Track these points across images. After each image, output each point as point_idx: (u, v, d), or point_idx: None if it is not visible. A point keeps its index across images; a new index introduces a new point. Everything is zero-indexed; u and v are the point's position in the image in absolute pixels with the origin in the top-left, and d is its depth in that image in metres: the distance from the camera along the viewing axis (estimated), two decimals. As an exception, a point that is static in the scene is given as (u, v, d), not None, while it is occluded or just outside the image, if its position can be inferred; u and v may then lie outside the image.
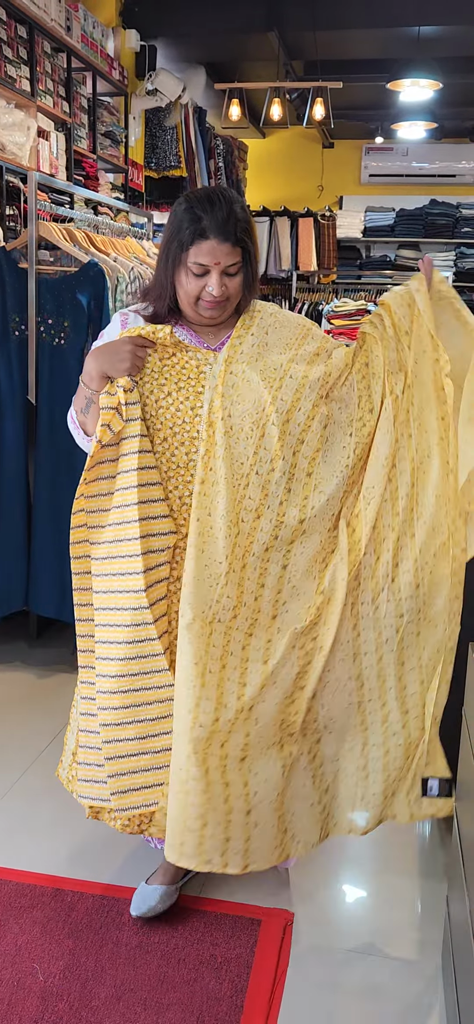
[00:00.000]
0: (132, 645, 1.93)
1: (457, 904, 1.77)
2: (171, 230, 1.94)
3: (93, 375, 1.95)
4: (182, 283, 1.94)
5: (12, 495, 3.37)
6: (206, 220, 1.88)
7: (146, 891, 2.14)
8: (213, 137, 7.33)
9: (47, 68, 4.88)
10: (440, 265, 9.09)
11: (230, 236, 1.89)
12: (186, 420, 1.95)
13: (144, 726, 1.94)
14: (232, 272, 1.93)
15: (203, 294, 1.93)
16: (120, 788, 1.96)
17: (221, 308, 1.96)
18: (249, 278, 1.97)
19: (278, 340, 2.00)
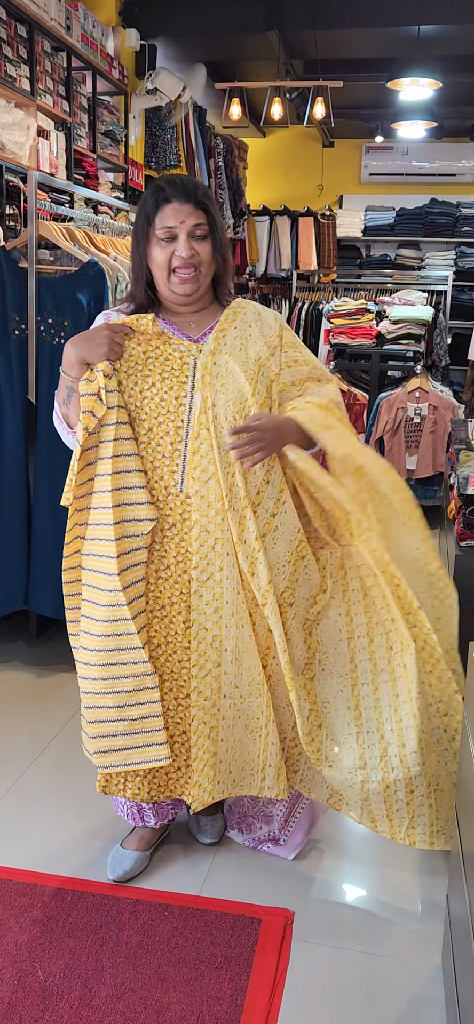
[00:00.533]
0: (108, 624, 2.03)
1: (457, 902, 1.77)
2: (138, 211, 2.04)
3: (72, 362, 2.00)
4: (154, 258, 2.01)
5: (12, 494, 3.37)
6: (168, 188, 1.99)
7: (122, 854, 2.27)
8: (213, 136, 7.32)
9: (47, 67, 4.88)
10: (440, 264, 9.09)
11: (191, 197, 1.98)
12: (170, 410, 2.00)
13: (121, 697, 2.07)
14: (199, 235, 1.99)
15: (173, 261, 1.98)
16: (101, 748, 2.11)
17: (195, 279, 2.00)
18: (218, 245, 2.03)
19: (259, 335, 2.06)
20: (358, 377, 6.22)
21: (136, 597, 2.05)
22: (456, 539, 2.62)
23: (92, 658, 2.07)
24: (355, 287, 7.96)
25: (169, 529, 2.04)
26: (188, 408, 2.00)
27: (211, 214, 2.01)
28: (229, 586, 2.03)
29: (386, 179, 9.78)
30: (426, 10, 5.80)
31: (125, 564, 2.02)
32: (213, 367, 2.01)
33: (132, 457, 2.01)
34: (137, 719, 2.08)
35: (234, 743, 2.11)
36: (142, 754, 2.10)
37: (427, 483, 5.72)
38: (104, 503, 2.02)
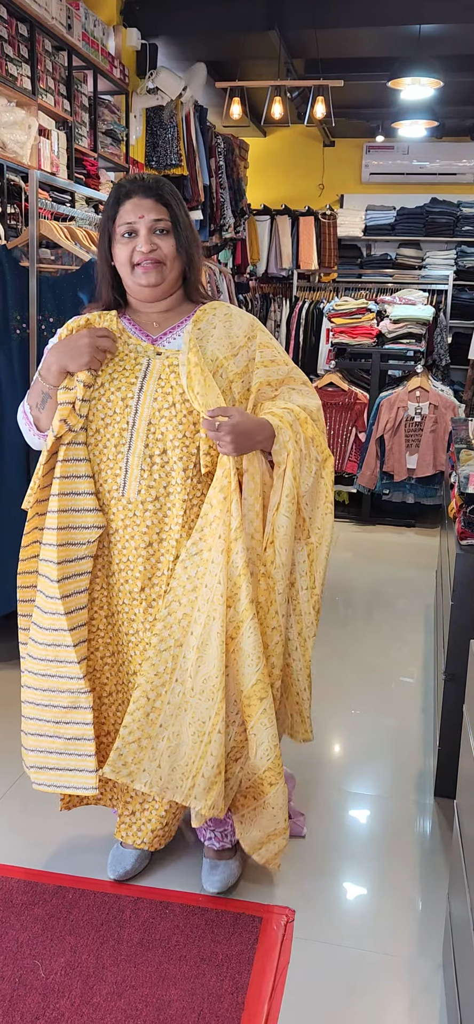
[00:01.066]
0: (48, 632, 2.03)
1: (458, 902, 1.77)
2: (102, 212, 2.03)
3: (52, 369, 1.97)
4: (117, 256, 1.99)
5: (13, 493, 3.37)
6: (128, 185, 1.98)
7: (122, 853, 2.25)
8: (214, 136, 7.32)
9: (48, 66, 4.88)
10: (441, 263, 9.09)
11: (151, 192, 1.95)
12: (116, 411, 1.96)
13: (57, 712, 2.06)
14: (160, 229, 1.96)
15: (134, 255, 1.95)
16: (37, 764, 2.11)
17: (157, 272, 1.96)
18: (183, 241, 1.98)
19: (223, 334, 2.01)
20: (359, 376, 6.23)
21: (76, 608, 2.02)
22: (457, 538, 2.62)
23: (34, 666, 2.07)
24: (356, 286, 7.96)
25: (113, 535, 2.02)
26: (134, 410, 1.95)
27: (174, 210, 1.97)
28: (212, 570, 1.93)
29: (387, 178, 9.78)
30: (427, 9, 5.80)
31: (67, 572, 2.00)
32: (166, 369, 1.96)
33: (82, 462, 1.98)
34: (70, 739, 2.06)
35: (172, 735, 1.99)
36: (73, 778, 2.08)
37: (427, 482, 5.72)
38: (51, 508, 2.01)
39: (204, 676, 1.96)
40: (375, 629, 4.14)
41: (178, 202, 2.00)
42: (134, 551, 2.00)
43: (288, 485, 1.97)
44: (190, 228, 2.03)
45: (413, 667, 3.64)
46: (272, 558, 1.98)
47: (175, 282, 2.03)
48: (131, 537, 2.00)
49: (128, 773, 2.01)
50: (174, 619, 1.97)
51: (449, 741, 2.56)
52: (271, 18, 6.14)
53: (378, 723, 3.17)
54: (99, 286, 2.09)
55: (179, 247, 1.98)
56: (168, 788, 2.01)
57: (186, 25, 6.30)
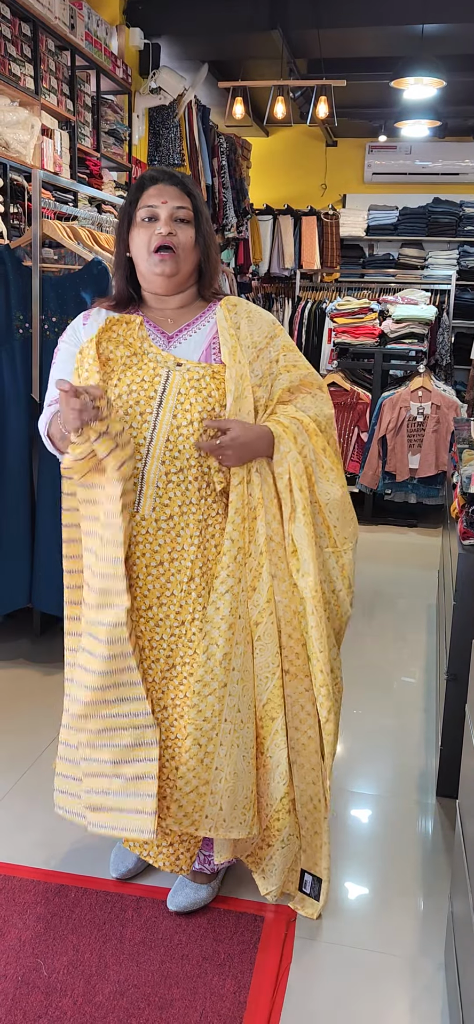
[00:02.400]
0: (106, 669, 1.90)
1: (460, 902, 1.77)
2: (124, 202, 2.03)
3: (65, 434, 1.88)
4: (135, 241, 1.97)
5: (16, 492, 3.38)
6: (154, 172, 2.00)
7: (125, 852, 2.25)
8: (216, 135, 7.33)
9: (51, 66, 4.88)
10: (443, 263, 9.08)
11: (176, 181, 1.97)
12: (134, 426, 1.90)
13: (117, 751, 1.93)
14: (182, 217, 1.95)
15: (153, 240, 1.93)
16: (94, 804, 1.98)
17: (172, 261, 1.94)
18: (202, 234, 1.98)
19: (247, 334, 2.00)
20: (361, 376, 6.23)
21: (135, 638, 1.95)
22: (459, 538, 2.62)
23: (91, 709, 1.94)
24: (358, 286, 7.97)
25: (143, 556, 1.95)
26: (152, 426, 1.90)
27: (196, 201, 1.97)
28: (243, 599, 1.95)
29: (389, 178, 9.78)
30: (430, 9, 5.80)
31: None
32: (186, 384, 1.92)
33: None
34: (131, 778, 1.93)
35: (229, 775, 1.94)
36: (131, 820, 1.94)
37: (430, 482, 5.72)
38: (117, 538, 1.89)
39: (247, 704, 1.98)
40: (377, 629, 4.14)
41: (199, 197, 2.01)
42: (144, 569, 1.94)
43: (297, 497, 1.97)
44: (209, 225, 2.02)
45: (415, 667, 3.64)
46: (296, 567, 1.99)
47: (189, 276, 2.00)
48: (142, 555, 1.93)
49: (191, 823, 1.95)
50: (214, 661, 1.92)
51: (451, 741, 2.56)
52: (274, 18, 6.14)
53: (380, 723, 3.17)
54: (114, 274, 2.07)
55: (198, 238, 1.97)
56: (232, 827, 1.96)
57: (189, 25, 6.30)
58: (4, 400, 3.35)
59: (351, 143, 9.78)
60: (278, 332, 2.06)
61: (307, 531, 1.96)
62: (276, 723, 1.98)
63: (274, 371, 2.02)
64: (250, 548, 1.96)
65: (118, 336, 1.96)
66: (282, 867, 2.07)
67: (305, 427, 2.01)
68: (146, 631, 1.98)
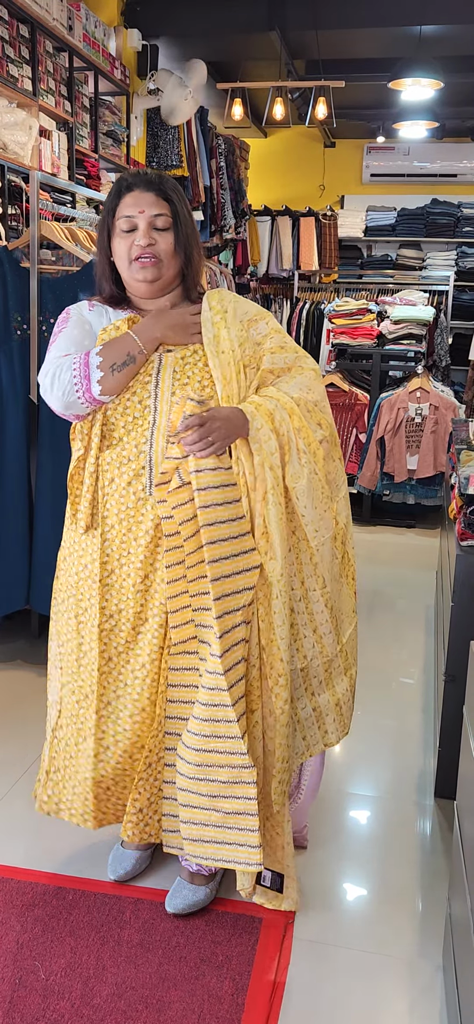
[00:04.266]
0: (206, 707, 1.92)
1: (458, 903, 1.77)
2: (103, 206, 2.02)
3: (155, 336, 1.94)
4: (116, 250, 1.98)
5: (14, 494, 3.38)
6: (130, 178, 1.99)
7: (123, 854, 2.25)
8: (215, 136, 7.32)
9: (49, 67, 4.88)
10: (442, 264, 9.09)
11: (153, 186, 1.96)
12: (136, 415, 1.96)
13: (214, 786, 1.95)
14: (160, 225, 1.96)
15: (132, 250, 1.95)
16: (192, 836, 2.00)
17: (154, 268, 1.96)
18: (181, 238, 1.98)
19: (233, 313, 2.01)
20: (359, 377, 6.23)
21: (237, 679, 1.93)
22: (457, 539, 2.62)
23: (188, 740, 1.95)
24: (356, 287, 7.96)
25: (143, 536, 1.98)
26: (153, 408, 1.95)
27: (175, 205, 1.97)
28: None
29: (387, 179, 9.79)
30: (428, 10, 5.80)
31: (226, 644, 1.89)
32: (180, 361, 1.96)
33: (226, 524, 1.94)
34: (230, 813, 1.95)
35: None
36: (234, 852, 1.97)
37: (428, 483, 5.72)
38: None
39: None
40: (375, 630, 4.14)
41: (180, 198, 2.00)
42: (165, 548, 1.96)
43: (269, 478, 1.93)
44: (191, 225, 2.02)
45: (413, 668, 3.65)
46: (265, 549, 1.94)
47: (173, 279, 2.03)
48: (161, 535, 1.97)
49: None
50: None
51: (449, 742, 2.56)
52: (272, 19, 6.14)
53: (378, 724, 3.17)
54: (99, 281, 2.08)
55: (177, 245, 1.98)
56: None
57: (187, 26, 6.30)
58: (2, 401, 3.35)
59: (349, 144, 9.79)
60: (265, 316, 2.06)
61: (277, 512, 1.93)
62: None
63: (258, 353, 2.02)
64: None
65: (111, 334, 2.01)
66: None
67: (283, 404, 1.98)
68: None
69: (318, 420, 2.03)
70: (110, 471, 2.00)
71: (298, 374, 2.05)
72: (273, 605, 1.95)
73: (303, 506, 1.98)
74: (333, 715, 2.14)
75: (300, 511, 1.99)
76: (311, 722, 2.13)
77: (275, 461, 1.94)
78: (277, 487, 1.94)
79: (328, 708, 2.13)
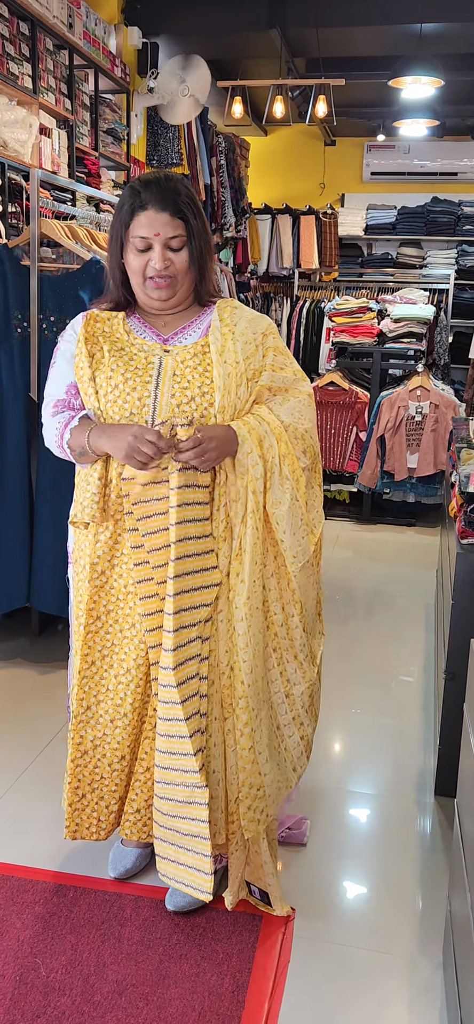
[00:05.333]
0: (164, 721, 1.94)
1: (458, 900, 1.78)
2: (116, 212, 1.99)
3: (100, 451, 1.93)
4: (129, 263, 1.97)
5: (14, 492, 3.38)
6: (144, 193, 1.92)
7: (123, 851, 2.25)
8: (215, 134, 7.32)
9: (49, 65, 4.88)
10: (442, 262, 9.08)
11: (168, 206, 1.91)
12: (134, 412, 1.95)
13: (173, 805, 1.96)
14: (175, 247, 1.94)
15: (147, 270, 1.94)
16: (160, 853, 2.04)
17: (169, 287, 1.96)
18: (195, 254, 1.96)
19: (240, 333, 2.00)
20: (359, 375, 6.23)
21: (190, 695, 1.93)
22: (457, 537, 2.62)
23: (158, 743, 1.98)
24: (356, 285, 7.96)
25: (134, 532, 1.97)
26: (152, 408, 1.94)
27: (189, 222, 1.94)
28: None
29: (388, 178, 9.78)
30: (428, 8, 5.80)
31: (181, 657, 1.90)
32: (181, 365, 1.95)
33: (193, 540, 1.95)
34: (187, 835, 1.96)
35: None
36: (190, 876, 1.98)
37: (428, 481, 5.72)
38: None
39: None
40: (375, 628, 4.14)
41: (194, 210, 1.96)
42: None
43: (251, 502, 1.93)
44: (205, 236, 1.99)
45: (413, 666, 3.65)
46: (237, 570, 1.95)
47: (187, 293, 2.02)
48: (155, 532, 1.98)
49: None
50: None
51: (449, 740, 2.56)
52: (272, 17, 6.14)
53: (378, 722, 3.17)
54: (108, 282, 2.08)
55: (192, 262, 1.97)
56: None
57: (187, 24, 6.30)
58: (3, 399, 3.35)
59: (350, 142, 9.78)
60: (270, 332, 2.05)
61: (253, 536, 1.94)
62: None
63: (259, 366, 2.01)
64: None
65: (103, 332, 2.01)
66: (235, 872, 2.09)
67: (272, 429, 1.99)
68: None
69: (303, 448, 2.04)
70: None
71: (293, 397, 2.05)
72: (237, 627, 1.96)
73: (282, 531, 1.98)
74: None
75: (279, 536, 1.99)
76: (299, 751, 2.12)
77: (259, 487, 1.95)
78: (257, 511, 1.95)
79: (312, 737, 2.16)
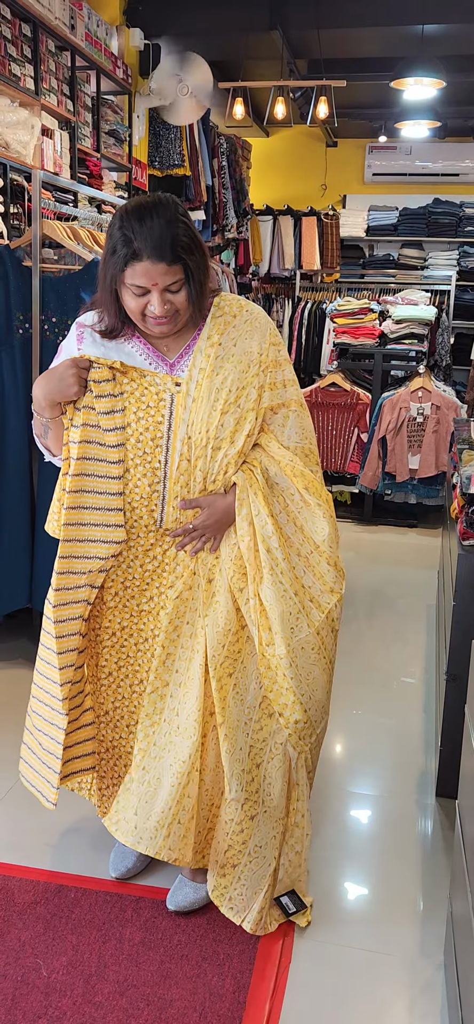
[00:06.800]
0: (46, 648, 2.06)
1: (459, 902, 1.77)
2: (107, 249, 1.87)
3: (43, 404, 1.96)
4: (126, 302, 1.89)
5: (16, 492, 3.38)
6: (137, 242, 1.79)
7: (124, 852, 2.26)
8: (217, 136, 7.33)
9: (51, 66, 4.88)
10: (443, 264, 9.08)
11: (165, 256, 1.79)
12: (147, 451, 1.93)
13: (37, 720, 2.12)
14: (174, 290, 1.85)
15: (147, 311, 1.87)
16: (24, 756, 2.19)
17: (171, 323, 1.89)
18: (193, 293, 1.87)
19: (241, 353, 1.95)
20: (361, 376, 6.23)
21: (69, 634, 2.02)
22: (458, 538, 2.62)
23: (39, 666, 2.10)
24: (358, 287, 7.97)
25: (150, 563, 2.02)
26: (165, 448, 1.93)
27: (187, 264, 1.83)
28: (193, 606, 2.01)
29: (389, 179, 9.79)
30: (430, 9, 5.80)
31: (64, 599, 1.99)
32: (188, 399, 1.93)
33: (89, 494, 1.97)
34: (46, 750, 2.08)
35: (152, 779, 2.02)
36: (41, 784, 2.11)
37: (429, 482, 5.72)
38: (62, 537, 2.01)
39: (187, 713, 1.99)
40: (377, 629, 4.14)
41: (192, 246, 1.83)
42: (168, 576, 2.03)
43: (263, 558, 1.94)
44: (203, 268, 1.88)
45: (415, 667, 3.65)
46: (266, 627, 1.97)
47: (187, 320, 1.94)
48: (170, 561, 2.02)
49: (114, 823, 2.08)
50: (158, 662, 2.02)
51: (451, 741, 2.56)
52: (274, 18, 6.14)
53: (380, 723, 3.17)
54: (99, 304, 1.97)
55: (190, 298, 1.88)
56: (141, 839, 2.00)
57: (189, 25, 6.30)
58: (4, 400, 3.35)
59: (351, 143, 9.78)
60: (269, 345, 1.99)
61: (275, 591, 1.94)
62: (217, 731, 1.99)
63: (261, 386, 1.97)
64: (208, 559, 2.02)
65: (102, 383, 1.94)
66: (252, 885, 2.02)
67: (283, 469, 1.99)
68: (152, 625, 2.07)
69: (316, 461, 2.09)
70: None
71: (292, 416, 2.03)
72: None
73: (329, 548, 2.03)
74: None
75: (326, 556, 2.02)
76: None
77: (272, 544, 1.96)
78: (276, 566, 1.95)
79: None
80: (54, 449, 2.04)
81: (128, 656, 2.10)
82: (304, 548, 2.02)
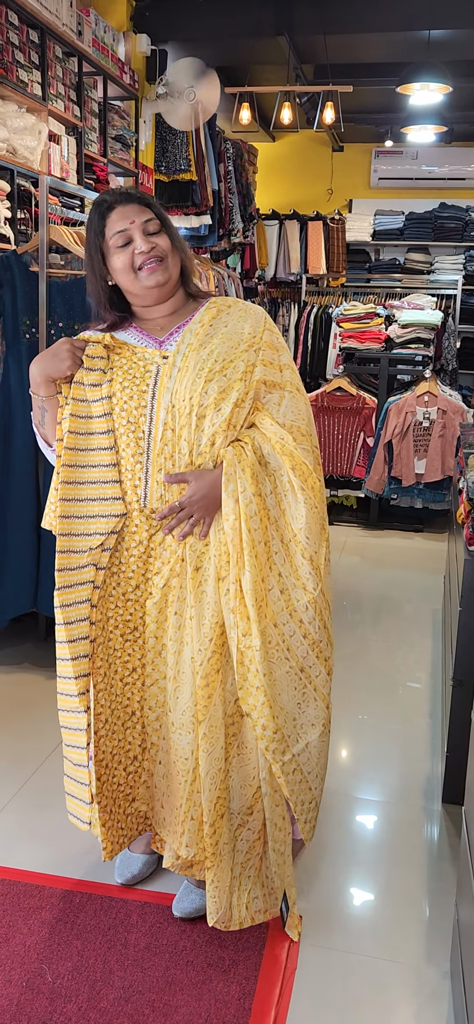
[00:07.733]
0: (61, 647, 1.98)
1: (466, 909, 1.77)
2: (87, 232, 2.01)
3: (38, 381, 1.99)
4: (115, 267, 1.96)
5: (22, 497, 3.39)
6: (108, 197, 1.98)
7: (130, 857, 2.25)
8: (223, 140, 7.33)
9: (58, 72, 4.90)
10: (450, 268, 9.08)
11: (133, 198, 1.97)
12: (131, 420, 1.94)
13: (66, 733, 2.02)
14: (153, 230, 1.96)
15: (135, 260, 1.94)
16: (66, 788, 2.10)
17: (161, 269, 1.94)
18: (176, 238, 2.00)
19: (231, 331, 1.97)
20: (367, 381, 6.23)
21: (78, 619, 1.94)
22: (465, 543, 2.62)
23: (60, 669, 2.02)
24: (364, 291, 7.97)
25: (135, 547, 1.98)
26: (149, 418, 1.92)
27: (157, 209, 1.99)
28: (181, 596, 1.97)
29: (395, 183, 9.79)
30: (436, 14, 5.80)
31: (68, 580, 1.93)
32: (173, 370, 1.93)
33: (85, 468, 1.95)
34: (77, 764, 2.01)
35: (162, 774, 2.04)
36: (76, 806, 2.05)
37: (436, 487, 5.71)
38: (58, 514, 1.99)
39: (182, 709, 1.98)
40: (382, 634, 4.13)
41: (160, 210, 2.01)
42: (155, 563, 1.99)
43: (245, 539, 1.90)
44: (175, 232, 2.03)
45: (421, 672, 3.64)
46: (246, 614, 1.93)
47: (177, 280, 2.01)
48: (155, 546, 1.98)
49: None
50: (154, 653, 2.01)
51: (457, 747, 2.56)
52: (280, 23, 6.15)
53: (385, 728, 3.16)
54: (97, 310, 2.04)
55: (174, 243, 1.99)
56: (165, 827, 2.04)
57: (195, 31, 6.31)
58: (11, 404, 3.36)
59: (357, 148, 9.79)
60: (264, 330, 2.00)
61: (253, 576, 1.89)
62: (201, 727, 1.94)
63: (254, 362, 1.97)
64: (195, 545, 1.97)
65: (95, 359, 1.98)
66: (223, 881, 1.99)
67: (273, 446, 1.96)
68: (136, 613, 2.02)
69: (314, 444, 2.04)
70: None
71: (287, 396, 2.01)
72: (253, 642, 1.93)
73: (305, 538, 1.97)
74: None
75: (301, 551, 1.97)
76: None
77: (253, 524, 1.91)
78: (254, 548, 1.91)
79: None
80: (50, 437, 2.03)
81: (115, 650, 2.02)
82: (286, 534, 1.98)
